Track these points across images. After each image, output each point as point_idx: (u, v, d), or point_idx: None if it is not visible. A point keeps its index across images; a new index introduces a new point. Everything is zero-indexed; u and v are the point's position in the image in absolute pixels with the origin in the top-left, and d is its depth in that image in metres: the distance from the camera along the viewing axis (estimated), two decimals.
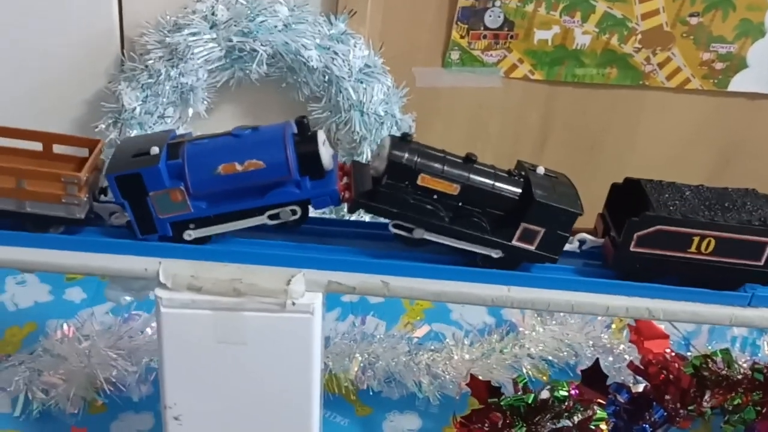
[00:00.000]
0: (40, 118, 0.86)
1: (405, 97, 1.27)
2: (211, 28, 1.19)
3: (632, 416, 1.01)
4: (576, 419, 0.91)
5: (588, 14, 1.33)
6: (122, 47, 1.24)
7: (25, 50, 1.22)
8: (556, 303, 0.79)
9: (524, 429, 0.90)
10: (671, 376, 1.04)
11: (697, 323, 0.81)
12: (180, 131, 1.21)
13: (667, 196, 0.81)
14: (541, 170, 0.80)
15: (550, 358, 1.16)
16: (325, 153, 0.76)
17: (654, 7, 1.33)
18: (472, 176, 0.77)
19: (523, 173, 0.80)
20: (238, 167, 0.74)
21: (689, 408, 1.02)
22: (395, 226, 0.77)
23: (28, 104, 1.23)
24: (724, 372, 1.03)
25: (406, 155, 0.76)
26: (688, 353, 1.12)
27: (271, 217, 0.77)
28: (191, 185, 0.75)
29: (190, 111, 1.23)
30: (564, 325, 1.18)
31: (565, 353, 1.17)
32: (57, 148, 0.82)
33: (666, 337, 1.09)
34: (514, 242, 0.78)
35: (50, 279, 1.24)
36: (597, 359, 0.96)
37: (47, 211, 0.77)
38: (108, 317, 1.16)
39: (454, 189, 0.76)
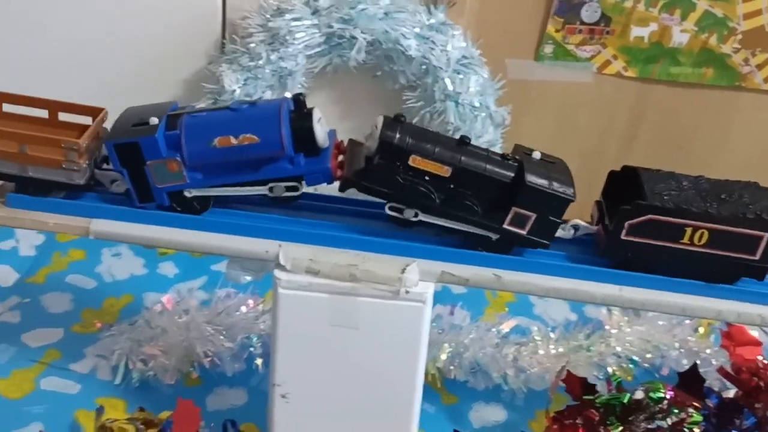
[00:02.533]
0: (141, 97, 0.89)
1: (500, 89, 1.27)
2: (312, 14, 1.20)
3: (722, 421, 1.01)
4: (670, 421, 0.91)
5: (688, 12, 1.31)
6: (224, 30, 1.26)
7: (129, 30, 1.25)
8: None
9: (620, 428, 0.90)
10: (763, 384, 1.03)
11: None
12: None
13: (662, 185, 0.79)
14: (537, 155, 0.80)
15: (635, 358, 1.15)
16: (320, 130, 0.78)
17: (757, 7, 1.30)
18: (464, 158, 0.77)
19: (517, 157, 0.79)
20: (233, 140, 0.76)
21: None
22: (388, 206, 0.78)
23: (131, 83, 1.26)
24: None
25: (398, 135, 0.76)
26: None
27: (267, 191, 0.79)
28: (187, 156, 0.77)
29: (288, 95, 1.24)
30: (651, 325, 1.18)
31: (651, 354, 1.16)
32: (63, 116, 0.84)
33: (759, 344, 1.08)
34: (506, 226, 0.78)
35: (144, 253, 1.28)
36: (695, 363, 0.96)
37: (48, 176, 0.79)
38: (201, 292, 1.19)
39: (445, 171, 0.77)
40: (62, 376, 1.04)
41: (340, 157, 0.80)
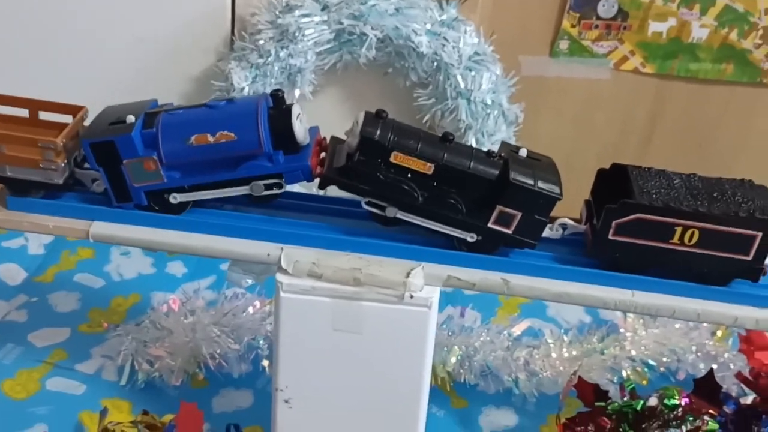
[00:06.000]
0: (148, 95, 0.88)
1: (513, 86, 1.24)
2: (322, 10, 1.18)
3: (739, 428, 0.98)
4: (685, 429, 0.89)
5: (707, 7, 1.28)
6: (233, 26, 1.24)
7: (137, 27, 1.24)
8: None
9: None
10: None
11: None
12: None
13: (652, 183, 0.76)
14: (523, 152, 0.77)
15: (651, 362, 1.12)
16: (300, 127, 0.76)
17: None
18: (447, 156, 0.74)
19: (503, 155, 0.77)
20: (210, 138, 0.74)
21: None
22: (369, 203, 0.76)
23: (138, 81, 1.25)
24: None
25: (379, 131, 0.74)
26: None
27: (246, 190, 0.77)
28: (164, 155, 0.75)
29: (297, 92, 1.23)
30: (667, 328, 1.15)
31: (667, 358, 1.13)
32: (44, 115, 0.83)
33: None
34: (491, 225, 0.75)
35: (153, 252, 1.27)
36: (711, 369, 0.93)
37: (26, 175, 0.78)
38: (208, 293, 1.18)
39: (428, 168, 0.74)
40: (68, 377, 1.03)
41: (322, 155, 0.78)
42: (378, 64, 1.23)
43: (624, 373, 1.10)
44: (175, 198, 0.77)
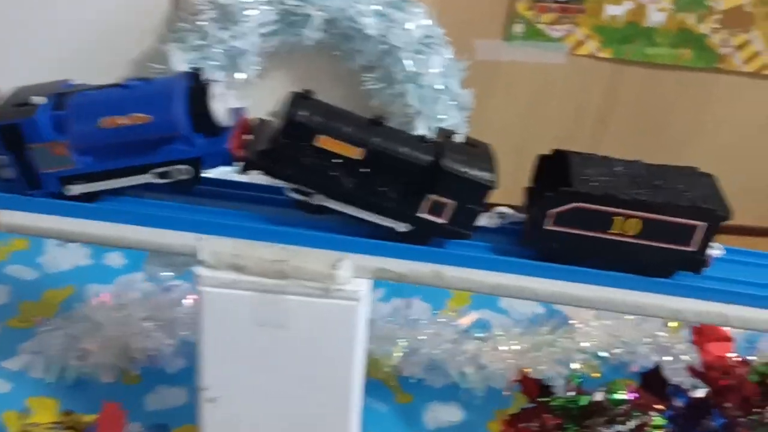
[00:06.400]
0: (88, 74, 0.84)
1: (465, 70, 1.20)
2: None
3: (689, 422, 0.95)
4: (631, 425, 0.86)
5: None
6: (173, 7, 1.19)
7: (78, 6, 1.18)
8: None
9: None
10: (733, 383, 0.98)
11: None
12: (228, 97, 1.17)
13: (593, 170, 0.72)
14: (459, 137, 0.73)
15: (602, 354, 1.10)
16: (220, 109, 0.71)
17: None
18: (377, 140, 0.70)
19: (437, 140, 0.73)
20: (124, 120, 0.69)
21: (751, 417, 0.96)
22: (294, 190, 0.72)
23: (78, 60, 1.20)
24: None
25: (305, 113, 0.69)
26: (752, 357, 1.06)
27: (161, 176, 0.72)
28: (74, 138, 0.71)
29: (240, 76, 1.19)
30: (619, 320, 1.12)
31: (619, 350, 1.11)
32: None
33: (730, 340, 1.03)
34: (422, 214, 0.71)
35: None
36: (659, 363, 0.90)
37: None
38: (147, 285, 1.13)
39: (357, 153, 0.70)
40: None
41: (246, 137, 0.74)
42: (325, 47, 1.19)
43: (575, 366, 1.07)
44: (87, 185, 0.72)
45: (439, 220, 0.71)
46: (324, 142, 0.70)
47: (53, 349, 0.99)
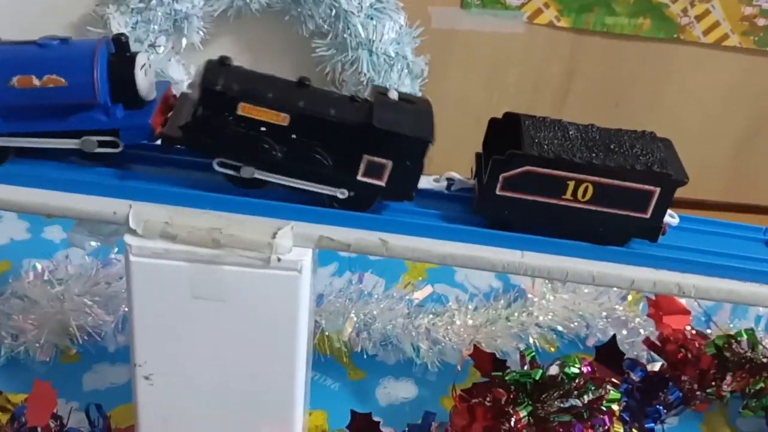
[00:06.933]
0: (23, 37, 0.79)
1: (419, 37, 1.17)
2: None
3: (645, 396, 0.94)
4: (586, 399, 0.84)
5: None
6: None
7: None
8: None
9: (529, 407, 0.82)
10: (690, 356, 0.96)
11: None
12: (172, 63, 1.12)
13: (545, 134, 0.70)
14: (393, 95, 0.69)
15: (559, 328, 1.07)
16: (144, 79, 0.68)
17: None
18: (303, 104, 0.66)
19: (369, 99, 0.69)
20: (36, 81, 0.65)
21: (708, 390, 0.95)
22: (220, 164, 0.68)
23: (12, 22, 1.14)
24: (747, 354, 0.95)
25: (223, 80, 0.66)
26: (709, 331, 1.05)
27: (75, 145, 0.68)
28: None
29: (184, 41, 1.14)
30: (576, 293, 1.10)
31: (576, 324, 1.08)
32: None
33: (687, 312, 1.01)
34: (360, 178, 0.68)
35: (29, 216, 1.16)
36: (614, 335, 0.88)
37: None
38: (86, 260, 1.08)
39: (282, 119, 0.66)
40: None
41: (170, 113, 0.70)
42: (273, 12, 1.14)
43: (531, 340, 1.05)
44: None
45: (378, 183, 0.68)
46: (246, 109, 0.66)
47: None
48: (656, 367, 0.97)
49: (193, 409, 0.75)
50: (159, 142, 0.69)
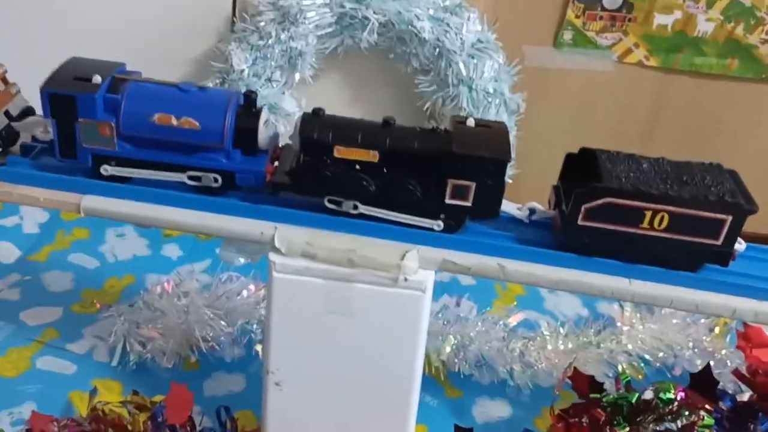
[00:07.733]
0: (149, 72, 0.88)
1: (515, 75, 1.23)
2: None
3: (734, 425, 0.97)
4: (680, 423, 0.88)
5: (714, 0, 1.27)
6: (234, 7, 1.23)
7: (137, 6, 1.22)
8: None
9: (627, 429, 0.86)
10: None
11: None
12: (286, 96, 1.20)
13: (621, 167, 0.75)
14: (471, 122, 0.76)
15: (647, 356, 1.11)
16: (264, 132, 0.76)
17: None
18: (390, 140, 0.74)
19: (448, 129, 0.76)
20: (174, 121, 0.74)
21: None
22: (329, 201, 0.76)
23: (137, 60, 1.23)
24: None
25: (318, 129, 0.74)
26: None
27: (192, 179, 0.77)
28: (122, 124, 0.75)
29: (297, 76, 1.22)
30: (664, 324, 1.14)
31: (663, 353, 1.12)
32: None
33: None
34: (448, 201, 0.75)
35: (148, 234, 1.26)
36: (708, 363, 0.91)
37: None
38: (203, 276, 1.17)
39: (372, 156, 0.74)
40: (59, 356, 1.02)
41: (277, 163, 0.79)
42: (380, 50, 1.22)
43: (619, 368, 1.09)
44: (122, 169, 0.77)
45: (465, 203, 0.74)
46: (341, 152, 0.74)
47: (116, 334, 1.03)
48: (745, 397, 0.99)
49: (316, 415, 0.82)
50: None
